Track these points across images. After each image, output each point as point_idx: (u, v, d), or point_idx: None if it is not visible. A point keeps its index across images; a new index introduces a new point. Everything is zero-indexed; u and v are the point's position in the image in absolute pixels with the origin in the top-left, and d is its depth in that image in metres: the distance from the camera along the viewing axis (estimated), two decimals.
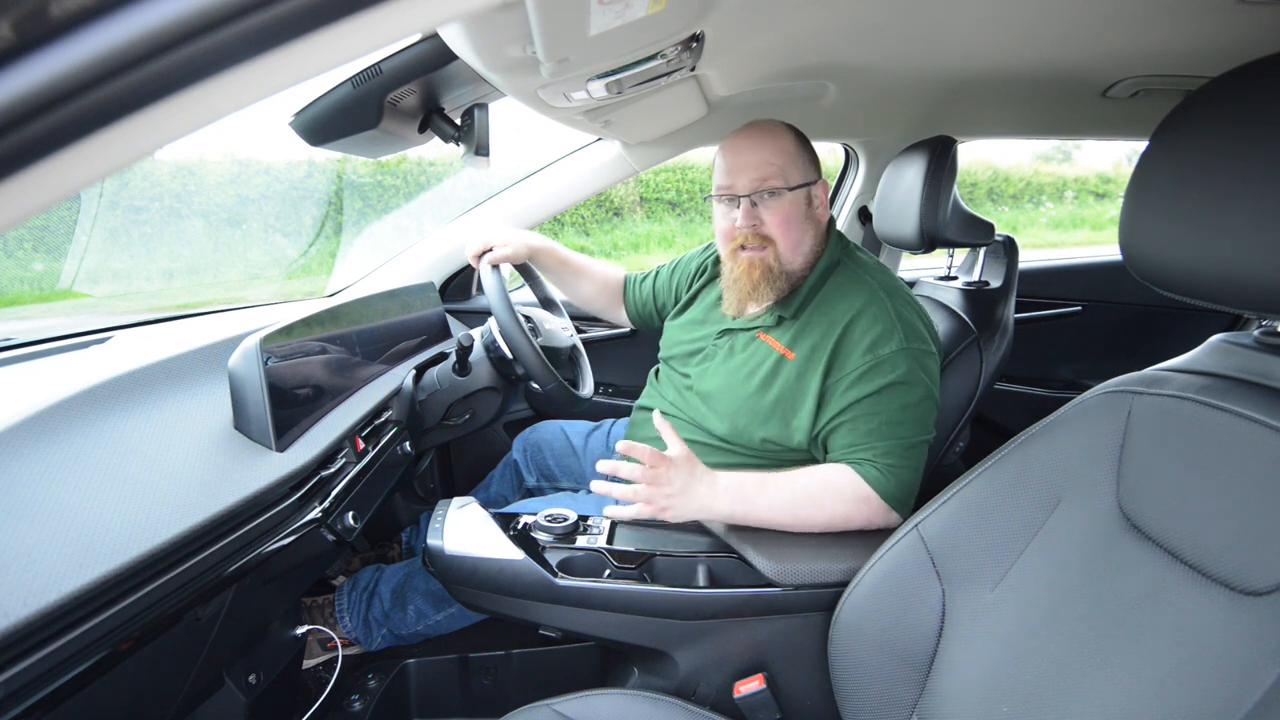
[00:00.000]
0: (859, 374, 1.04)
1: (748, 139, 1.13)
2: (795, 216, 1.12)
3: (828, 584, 0.94)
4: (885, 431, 1.03)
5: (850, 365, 1.06)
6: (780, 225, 1.11)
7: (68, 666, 0.53)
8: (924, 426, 1.06)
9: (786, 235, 1.11)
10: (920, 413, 1.05)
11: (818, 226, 1.16)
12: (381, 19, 0.34)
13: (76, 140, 0.31)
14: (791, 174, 1.11)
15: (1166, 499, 0.65)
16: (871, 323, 1.06)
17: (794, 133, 1.16)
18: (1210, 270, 0.61)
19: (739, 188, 1.12)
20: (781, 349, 1.12)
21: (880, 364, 1.04)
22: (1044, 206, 8.85)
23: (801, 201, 1.13)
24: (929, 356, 1.07)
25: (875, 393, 1.03)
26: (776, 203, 1.11)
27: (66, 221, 1.75)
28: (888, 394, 1.03)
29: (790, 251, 1.13)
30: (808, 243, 1.14)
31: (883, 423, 1.03)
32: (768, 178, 1.10)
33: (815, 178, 1.16)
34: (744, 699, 0.95)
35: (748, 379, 1.13)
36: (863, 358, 1.05)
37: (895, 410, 1.03)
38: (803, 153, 1.15)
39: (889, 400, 1.03)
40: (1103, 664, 0.63)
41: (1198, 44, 1.05)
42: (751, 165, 1.11)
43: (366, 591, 1.31)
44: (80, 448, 0.67)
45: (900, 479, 1.02)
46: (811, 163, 1.16)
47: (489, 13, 0.68)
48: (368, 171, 5.20)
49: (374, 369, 1.17)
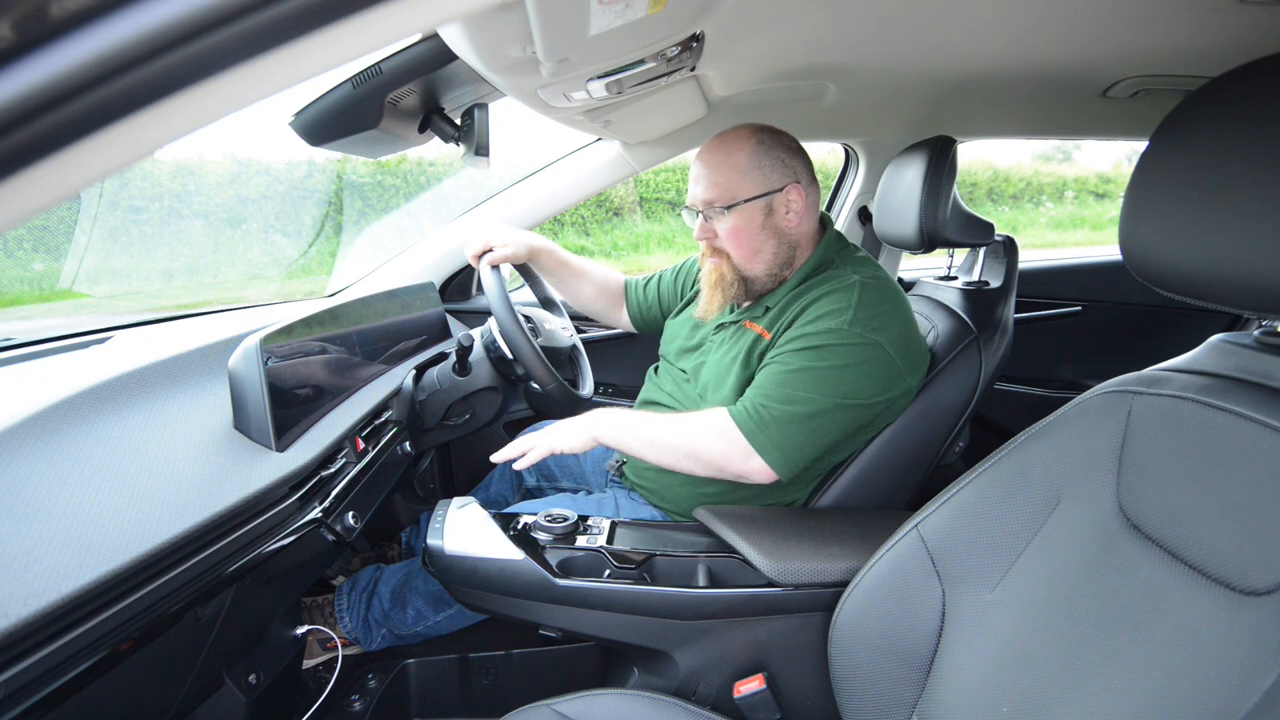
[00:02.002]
0: (791, 337, 1.08)
1: (705, 156, 1.18)
2: (746, 228, 1.14)
3: (828, 584, 0.94)
4: (778, 379, 1.06)
5: (791, 331, 1.09)
6: (730, 237, 1.16)
7: (68, 666, 0.53)
8: (822, 389, 1.03)
9: (738, 246, 1.16)
10: (823, 376, 1.03)
11: (782, 233, 1.16)
12: (381, 19, 0.34)
13: (76, 140, 0.31)
14: (741, 189, 1.13)
15: (1167, 499, 0.65)
16: (829, 302, 1.09)
17: (755, 141, 1.14)
18: (1210, 270, 0.61)
19: (694, 202, 1.18)
20: (760, 330, 1.15)
21: (814, 334, 1.06)
22: (1044, 206, 8.86)
23: (755, 212, 1.14)
24: (872, 347, 1.05)
25: (792, 351, 1.07)
26: (723, 218, 1.15)
27: (66, 221, 1.75)
28: (802, 354, 1.06)
29: (746, 260, 1.16)
30: (768, 250, 1.16)
31: (780, 373, 1.06)
32: (713, 198, 1.15)
33: (780, 185, 1.14)
34: (744, 699, 0.95)
35: (731, 364, 1.16)
36: (803, 327, 1.08)
37: (800, 369, 1.05)
38: (764, 162, 1.13)
39: (799, 358, 1.06)
40: (1103, 664, 0.63)
41: (1198, 44, 1.05)
42: (702, 183, 1.16)
43: (366, 591, 1.31)
44: (80, 448, 0.67)
45: (770, 425, 1.03)
46: (777, 169, 1.14)
47: (489, 13, 0.68)
48: (368, 171, 5.20)
49: (374, 369, 1.17)
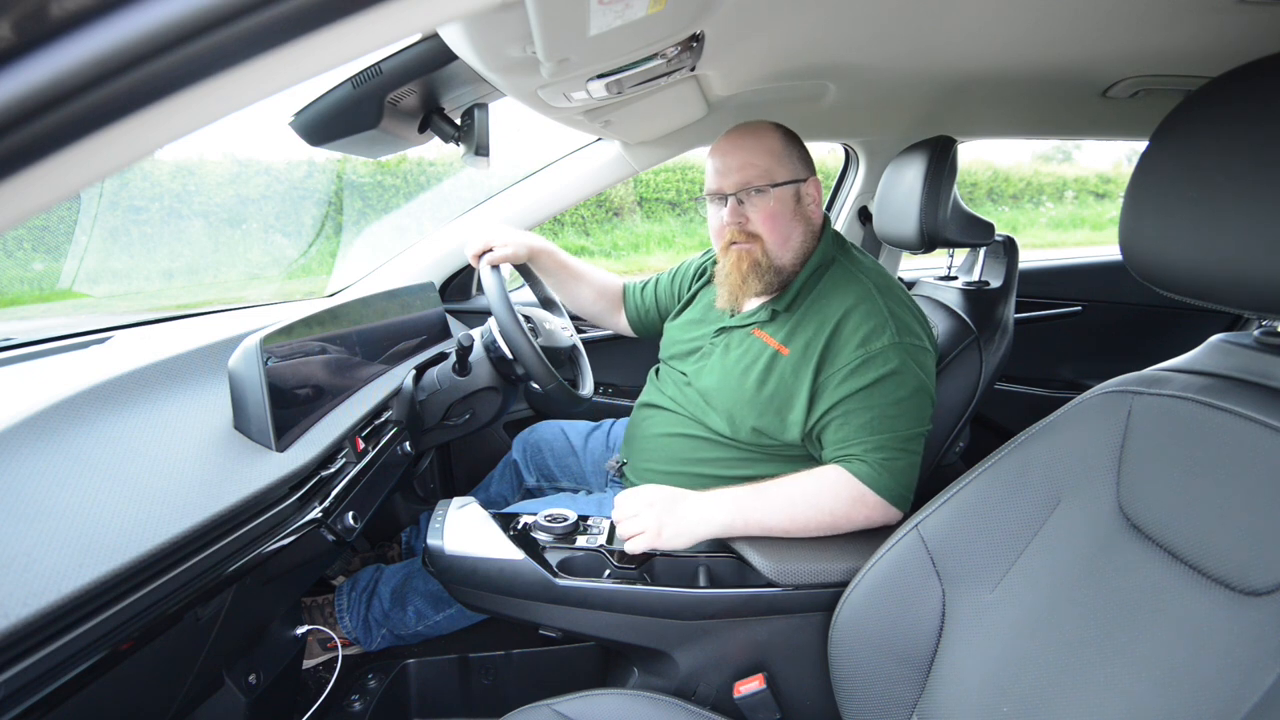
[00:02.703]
0: (851, 369, 1.05)
1: (734, 141, 1.16)
2: (781, 212, 1.14)
3: (828, 584, 0.94)
4: (877, 425, 1.03)
5: (842, 360, 1.06)
6: (765, 220, 1.14)
7: (68, 666, 0.53)
8: (918, 420, 1.05)
9: (773, 230, 1.14)
10: (913, 406, 1.05)
11: (807, 223, 1.17)
12: (381, 19, 0.34)
13: (76, 140, 0.31)
14: (777, 172, 1.14)
15: (1167, 499, 0.65)
16: (864, 318, 1.07)
17: (781, 132, 1.17)
18: (1210, 270, 0.61)
19: (725, 187, 1.15)
20: (776, 344, 1.13)
21: (872, 358, 1.04)
22: (1044, 206, 8.86)
23: (788, 198, 1.15)
24: (923, 352, 1.07)
25: (866, 387, 1.04)
26: (761, 199, 1.14)
27: (66, 221, 1.75)
28: (879, 388, 1.04)
29: (778, 246, 1.15)
30: (796, 238, 1.16)
31: (875, 417, 1.03)
32: (751, 178, 1.13)
33: (805, 175, 1.17)
34: (744, 699, 0.95)
35: (744, 374, 1.14)
36: (854, 353, 1.05)
37: (887, 404, 1.03)
38: (790, 151, 1.16)
39: (880, 394, 1.03)
40: (1103, 664, 0.63)
41: (1198, 44, 1.05)
42: (736, 166, 1.14)
43: (366, 591, 1.31)
44: (80, 448, 0.67)
45: (895, 473, 1.02)
46: (801, 161, 1.17)
47: (489, 13, 0.68)
48: (368, 171, 5.20)
49: (374, 369, 1.17)
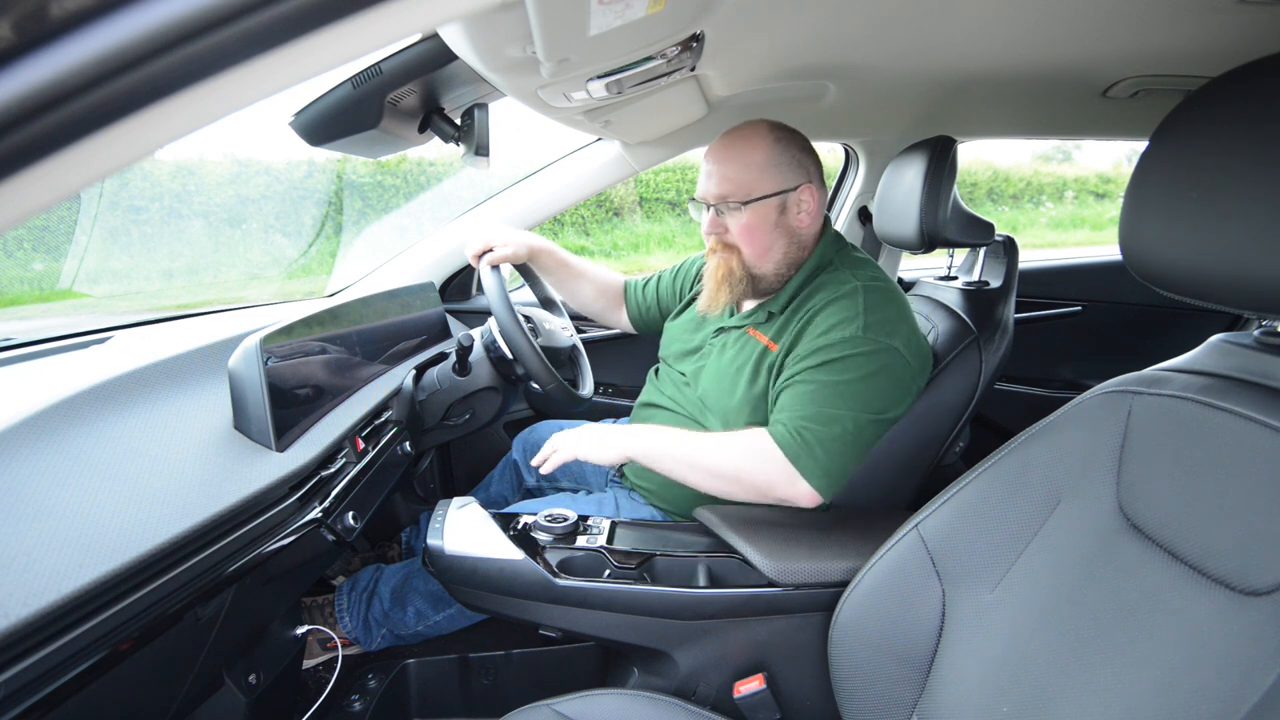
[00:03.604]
0: (807, 353, 1.06)
1: (722, 149, 1.15)
2: (759, 226, 1.13)
3: (828, 584, 0.94)
4: (810, 397, 1.03)
5: (803, 348, 1.08)
6: (743, 234, 1.14)
7: (68, 666, 0.53)
8: (857, 405, 1.02)
9: (750, 243, 1.14)
10: (855, 390, 1.03)
11: (793, 233, 1.15)
12: (381, 19, 0.34)
13: (76, 140, 0.31)
14: (757, 186, 1.12)
15: (1167, 499, 0.65)
16: (835, 312, 1.08)
17: (774, 137, 1.13)
18: (1210, 270, 0.61)
19: (706, 197, 1.16)
20: (766, 341, 1.14)
21: (830, 345, 1.05)
22: (1044, 206, 8.86)
23: (768, 211, 1.13)
24: (888, 351, 1.05)
25: (814, 366, 1.05)
26: (736, 215, 1.13)
27: (66, 221, 1.75)
28: (825, 368, 1.04)
29: (756, 257, 1.15)
30: (778, 249, 1.15)
31: (810, 390, 1.04)
32: (727, 193, 1.13)
33: (796, 183, 1.13)
34: (744, 699, 0.95)
35: (736, 374, 1.15)
36: (815, 340, 1.07)
37: (826, 382, 1.03)
38: (781, 159, 1.13)
39: (824, 373, 1.04)
40: (1103, 664, 0.63)
41: (1198, 44, 1.05)
42: (717, 178, 1.14)
43: (366, 591, 1.31)
44: (80, 448, 0.67)
45: (811, 445, 1.01)
46: (793, 167, 1.13)
47: (489, 13, 0.68)
48: (368, 171, 5.20)
49: (374, 369, 1.17)
